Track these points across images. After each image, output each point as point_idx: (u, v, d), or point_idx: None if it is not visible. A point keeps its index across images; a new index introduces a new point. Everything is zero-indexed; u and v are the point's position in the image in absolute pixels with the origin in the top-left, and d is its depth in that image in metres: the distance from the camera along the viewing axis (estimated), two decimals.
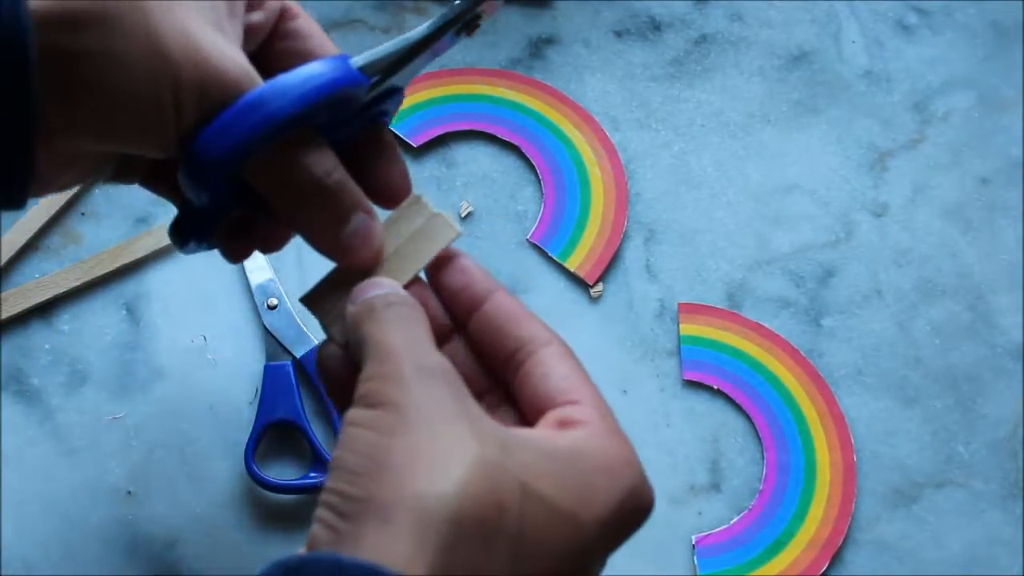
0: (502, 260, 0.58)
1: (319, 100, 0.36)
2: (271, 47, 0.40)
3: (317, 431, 0.53)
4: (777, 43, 0.64)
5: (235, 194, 0.38)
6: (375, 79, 0.39)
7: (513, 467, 0.31)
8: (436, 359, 0.33)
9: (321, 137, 0.38)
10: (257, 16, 0.39)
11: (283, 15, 0.40)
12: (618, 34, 0.64)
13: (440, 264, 0.38)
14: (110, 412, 0.53)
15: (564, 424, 0.34)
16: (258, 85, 0.36)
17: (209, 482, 0.52)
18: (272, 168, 0.37)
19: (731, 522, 0.53)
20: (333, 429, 0.53)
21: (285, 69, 0.36)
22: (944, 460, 0.55)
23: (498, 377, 0.38)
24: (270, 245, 0.42)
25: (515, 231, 0.59)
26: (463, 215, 0.59)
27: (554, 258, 0.58)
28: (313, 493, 0.51)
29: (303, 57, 0.39)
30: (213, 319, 0.55)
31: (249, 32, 0.38)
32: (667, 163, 0.61)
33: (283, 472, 0.53)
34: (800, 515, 0.53)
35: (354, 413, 0.32)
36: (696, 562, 0.52)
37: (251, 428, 0.52)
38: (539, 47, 0.63)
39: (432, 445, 0.31)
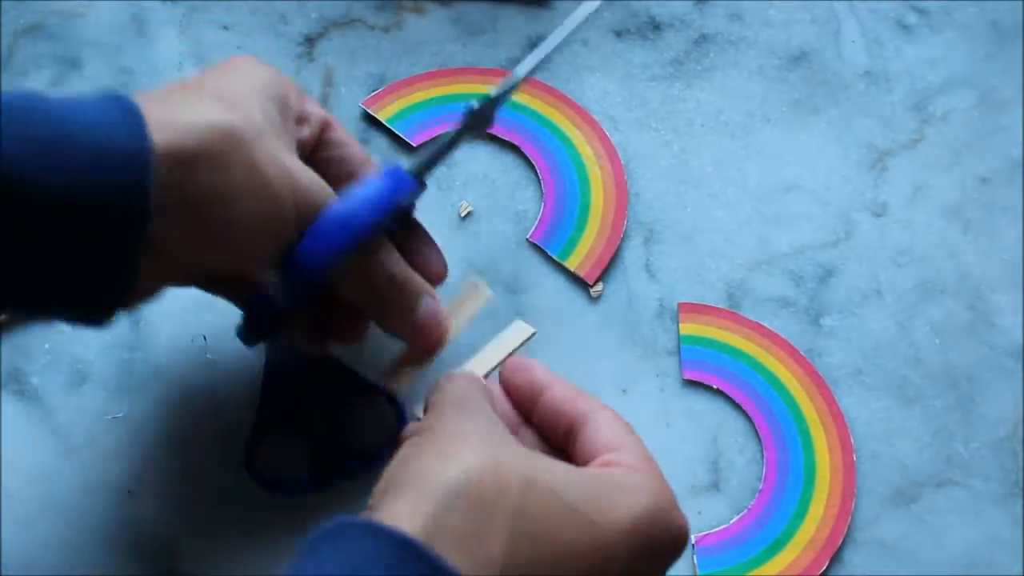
0: (502, 260, 0.58)
1: (392, 209, 0.44)
2: (315, 155, 0.46)
3: (316, 431, 0.53)
4: (777, 43, 0.64)
5: (313, 296, 0.45)
6: (423, 183, 0.47)
7: (522, 466, 0.35)
8: (479, 404, 0.40)
9: (386, 238, 0.45)
10: (305, 131, 0.45)
11: (323, 127, 0.46)
12: (618, 34, 0.64)
13: (507, 365, 0.45)
14: (110, 412, 0.53)
15: (605, 464, 0.39)
16: (332, 197, 0.43)
17: (209, 482, 0.52)
18: (355, 270, 0.44)
19: (731, 522, 0.53)
20: (332, 428, 0.53)
21: (330, 174, 0.44)
22: (944, 460, 0.55)
23: (566, 455, 0.41)
24: (351, 338, 0.49)
25: (515, 231, 0.59)
26: (463, 215, 0.59)
27: (554, 258, 0.58)
28: (311, 492, 0.51)
29: (346, 164, 0.47)
30: (213, 319, 0.55)
31: (299, 146, 0.45)
32: (667, 163, 0.61)
33: (283, 472, 0.53)
34: (800, 515, 0.53)
35: (402, 447, 0.38)
36: (696, 561, 0.52)
37: (251, 428, 0.52)
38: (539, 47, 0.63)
39: (453, 448, 0.36)
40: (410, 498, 0.34)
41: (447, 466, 0.35)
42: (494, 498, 0.34)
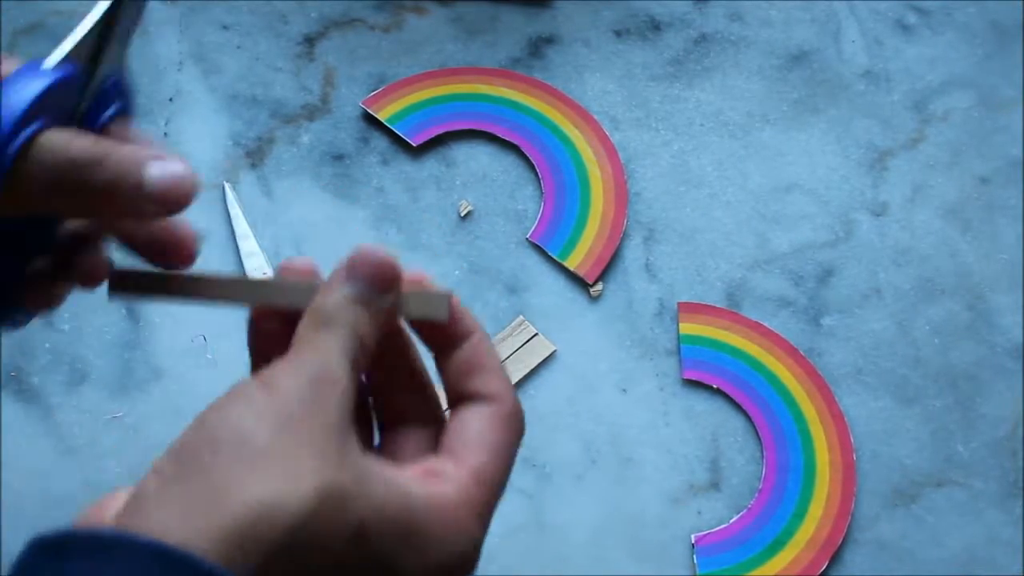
0: (502, 259, 0.58)
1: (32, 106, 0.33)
2: None
3: None
4: (777, 43, 0.64)
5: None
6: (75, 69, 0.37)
7: (360, 505, 0.28)
8: (339, 372, 0.30)
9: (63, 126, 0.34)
10: None
11: None
12: (618, 34, 0.64)
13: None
14: (109, 411, 0.53)
15: (433, 475, 0.31)
16: None
17: None
18: (34, 172, 0.33)
19: (730, 521, 0.53)
20: None
21: None
22: (943, 459, 0.55)
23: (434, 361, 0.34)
24: (92, 276, 0.37)
25: (515, 230, 0.59)
26: (463, 215, 0.59)
27: (554, 257, 0.58)
28: None
29: None
30: (213, 319, 0.55)
31: None
32: (667, 163, 0.61)
33: None
34: (799, 514, 0.53)
35: (245, 386, 0.29)
36: (695, 561, 0.52)
37: None
38: (539, 47, 0.63)
39: (300, 452, 0.28)
40: (222, 520, 0.26)
41: (284, 494, 0.27)
42: (321, 546, 0.27)
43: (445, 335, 0.34)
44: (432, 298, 0.33)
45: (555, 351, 0.56)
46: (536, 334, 0.56)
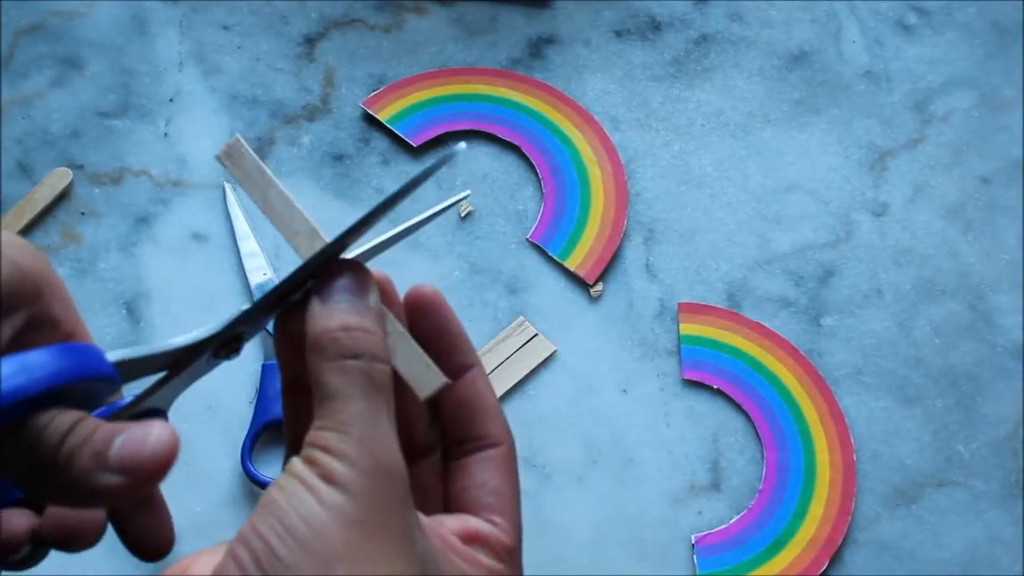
0: (502, 260, 0.58)
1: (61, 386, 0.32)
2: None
3: None
4: (777, 43, 0.64)
5: None
6: (131, 397, 0.36)
7: None
8: (396, 457, 0.30)
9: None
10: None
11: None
12: (618, 34, 0.64)
13: (423, 307, 0.36)
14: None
15: (475, 539, 0.33)
16: None
17: (208, 481, 0.52)
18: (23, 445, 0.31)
19: (731, 521, 0.53)
20: None
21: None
22: (944, 460, 0.55)
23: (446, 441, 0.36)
24: (84, 537, 0.37)
25: (515, 231, 0.59)
26: (463, 215, 0.59)
27: (554, 257, 0.58)
28: None
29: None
30: (213, 319, 0.55)
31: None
32: (667, 163, 0.61)
33: (281, 471, 0.52)
34: (800, 514, 0.53)
35: (306, 474, 0.30)
36: (696, 561, 0.52)
37: (249, 428, 0.52)
38: (539, 47, 0.63)
39: (373, 550, 0.29)
40: None
41: None
42: None
43: (445, 370, 0.33)
44: (430, 373, 0.32)
45: (555, 351, 0.56)
46: (536, 334, 0.56)
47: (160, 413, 0.39)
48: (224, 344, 0.38)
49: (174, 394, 0.39)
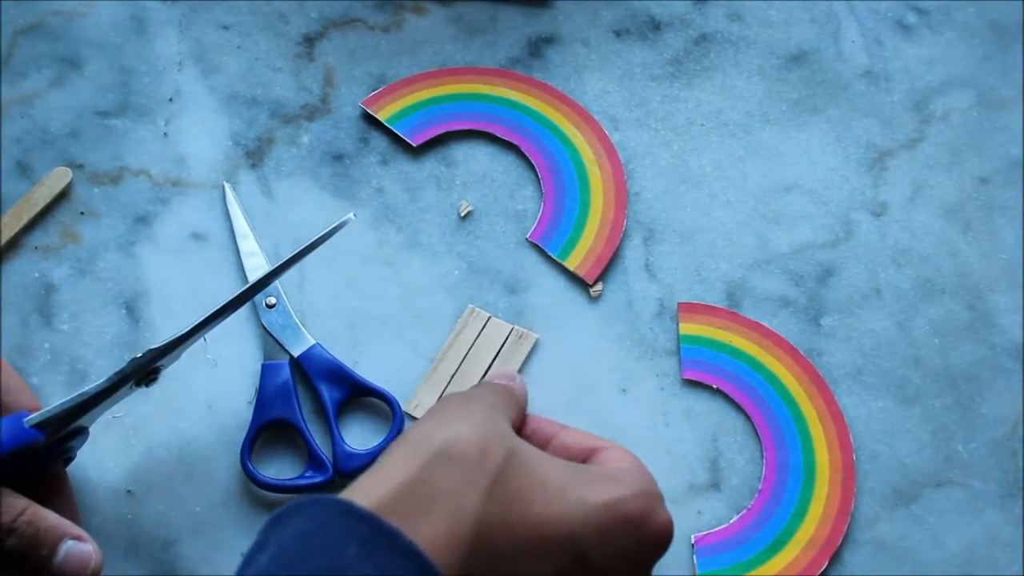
0: (502, 260, 0.58)
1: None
2: None
3: (313, 430, 0.53)
4: (777, 43, 0.64)
5: None
6: (49, 432, 0.42)
7: (508, 442, 0.40)
8: (482, 397, 0.45)
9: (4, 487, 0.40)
10: None
11: None
12: (617, 34, 0.64)
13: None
14: (109, 412, 0.53)
15: (597, 461, 0.44)
16: None
17: (208, 481, 0.52)
18: None
19: (730, 521, 0.53)
20: (329, 428, 0.53)
21: None
22: (943, 459, 0.55)
23: None
24: None
25: (515, 230, 0.59)
26: (463, 215, 0.59)
27: (554, 257, 0.58)
28: (308, 492, 0.51)
29: None
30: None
31: None
32: (666, 163, 0.61)
33: (280, 471, 0.53)
34: (799, 514, 0.53)
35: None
36: (695, 561, 0.52)
37: (249, 428, 0.52)
38: (539, 47, 0.63)
39: (448, 419, 0.40)
40: (400, 454, 0.38)
41: (438, 431, 0.39)
42: (477, 461, 0.38)
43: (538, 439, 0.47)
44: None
45: (538, 339, 0.56)
46: (490, 317, 0.56)
47: (84, 431, 0.45)
48: (144, 376, 0.46)
49: (97, 415, 0.45)
